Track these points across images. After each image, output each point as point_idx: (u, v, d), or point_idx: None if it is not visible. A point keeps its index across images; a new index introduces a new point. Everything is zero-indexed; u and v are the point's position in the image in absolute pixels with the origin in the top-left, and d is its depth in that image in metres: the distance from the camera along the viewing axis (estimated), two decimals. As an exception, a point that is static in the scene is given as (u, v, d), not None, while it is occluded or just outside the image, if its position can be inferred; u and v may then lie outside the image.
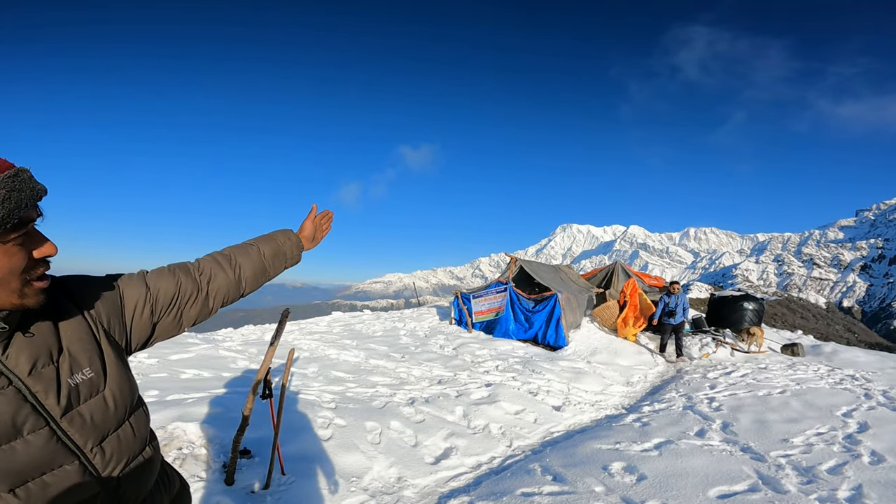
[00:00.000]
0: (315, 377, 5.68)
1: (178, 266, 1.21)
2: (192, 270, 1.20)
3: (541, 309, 9.38)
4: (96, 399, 0.95)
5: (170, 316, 1.14)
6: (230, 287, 1.27)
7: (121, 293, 1.07)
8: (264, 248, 1.36)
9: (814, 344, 10.46)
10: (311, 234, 1.53)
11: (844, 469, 3.43)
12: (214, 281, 1.23)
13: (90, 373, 0.95)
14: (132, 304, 1.07)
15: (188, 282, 1.17)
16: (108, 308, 1.03)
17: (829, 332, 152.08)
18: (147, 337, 1.11)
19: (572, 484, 3.21)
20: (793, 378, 6.87)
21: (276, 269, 1.40)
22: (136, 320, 1.08)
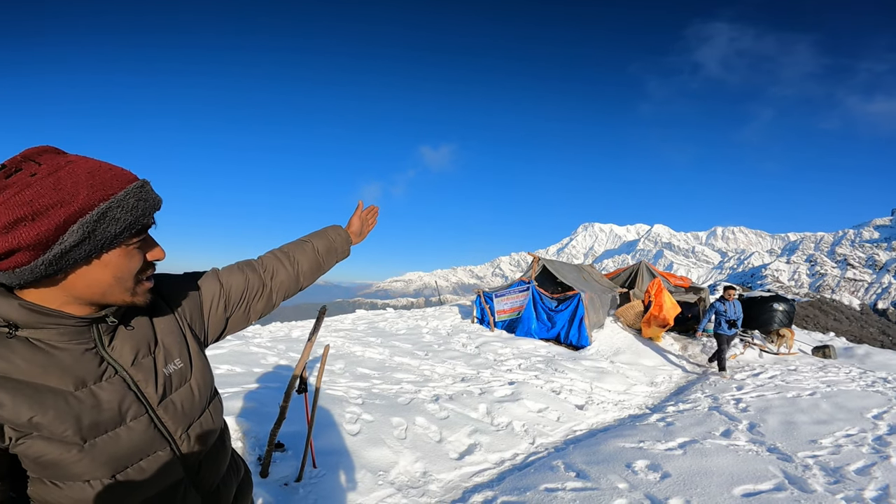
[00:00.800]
0: (342, 373, 5.83)
1: (245, 263, 1.29)
2: (257, 267, 1.28)
3: (564, 308, 9.39)
4: (185, 388, 1.02)
5: (240, 310, 1.22)
6: (290, 282, 1.34)
7: (200, 290, 1.15)
8: (318, 244, 1.43)
9: (846, 346, 10.18)
10: (359, 229, 1.60)
11: (872, 470, 3.40)
12: (277, 277, 1.30)
13: (180, 363, 1.03)
14: (209, 300, 1.16)
15: (254, 278, 1.25)
16: (190, 304, 1.12)
17: (862, 335, 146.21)
18: (221, 330, 1.20)
19: (595, 480, 3.26)
20: (823, 380, 6.73)
21: (329, 263, 1.48)
22: (212, 315, 1.16)
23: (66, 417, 0.82)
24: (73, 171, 0.79)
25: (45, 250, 0.77)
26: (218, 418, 1.12)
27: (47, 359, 0.84)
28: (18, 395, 0.79)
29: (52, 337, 0.85)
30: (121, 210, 0.81)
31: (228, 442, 1.17)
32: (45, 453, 0.82)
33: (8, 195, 0.75)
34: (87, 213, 0.78)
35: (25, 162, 0.78)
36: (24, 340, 0.83)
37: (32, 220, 0.75)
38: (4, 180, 0.76)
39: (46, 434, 0.81)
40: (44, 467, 0.84)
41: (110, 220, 0.80)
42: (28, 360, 0.82)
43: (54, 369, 0.84)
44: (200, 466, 1.03)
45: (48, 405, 0.81)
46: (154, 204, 0.88)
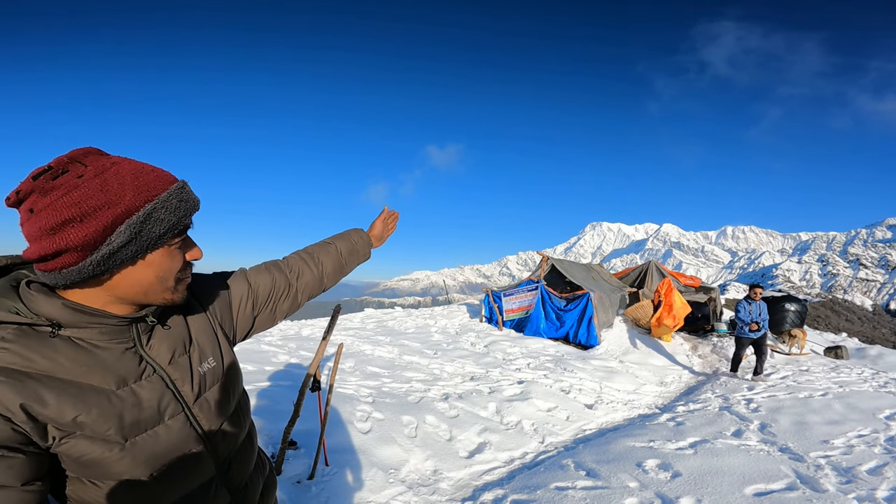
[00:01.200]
0: (352, 372, 5.88)
1: (272, 264, 1.30)
2: (283, 268, 1.30)
3: (573, 308, 9.38)
4: (217, 386, 1.03)
5: (267, 310, 1.23)
6: (315, 283, 1.36)
7: (229, 289, 1.17)
8: (341, 246, 1.46)
9: (858, 347, 10.07)
10: (380, 233, 1.62)
11: (885, 470, 3.38)
12: (302, 277, 1.32)
13: (213, 362, 1.04)
14: (238, 300, 1.17)
15: (281, 278, 1.27)
16: (221, 303, 1.13)
17: (875, 336, 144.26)
18: (248, 329, 1.21)
19: (606, 479, 3.27)
20: (835, 381, 6.67)
21: (351, 265, 1.50)
22: (240, 314, 1.17)
23: (109, 416, 0.83)
24: (118, 172, 0.80)
25: (93, 251, 0.78)
26: (246, 417, 1.14)
27: (90, 358, 0.84)
28: (63, 395, 0.80)
29: (94, 336, 0.85)
30: (164, 211, 0.83)
31: (256, 440, 1.18)
32: (87, 452, 0.82)
33: (55, 196, 0.76)
34: (134, 213, 0.80)
35: (72, 163, 0.79)
36: (67, 340, 0.83)
37: (80, 222, 0.76)
38: (51, 181, 0.76)
39: (89, 433, 0.82)
40: (84, 466, 0.84)
41: (155, 220, 0.82)
42: (72, 359, 0.82)
43: (97, 368, 0.84)
44: (231, 464, 1.05)
45: (92, 404, 0.82)
46: (193, 205, 0.89)
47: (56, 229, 0.76)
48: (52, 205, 0.76)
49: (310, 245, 1.45)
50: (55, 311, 0.81)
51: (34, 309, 0.81)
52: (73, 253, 0.77)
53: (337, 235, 1.51)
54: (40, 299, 0.81)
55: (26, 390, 0.77)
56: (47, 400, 0.78)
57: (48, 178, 0.77)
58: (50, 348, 0.81)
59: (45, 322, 0.81)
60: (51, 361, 0.80)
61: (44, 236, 0.77)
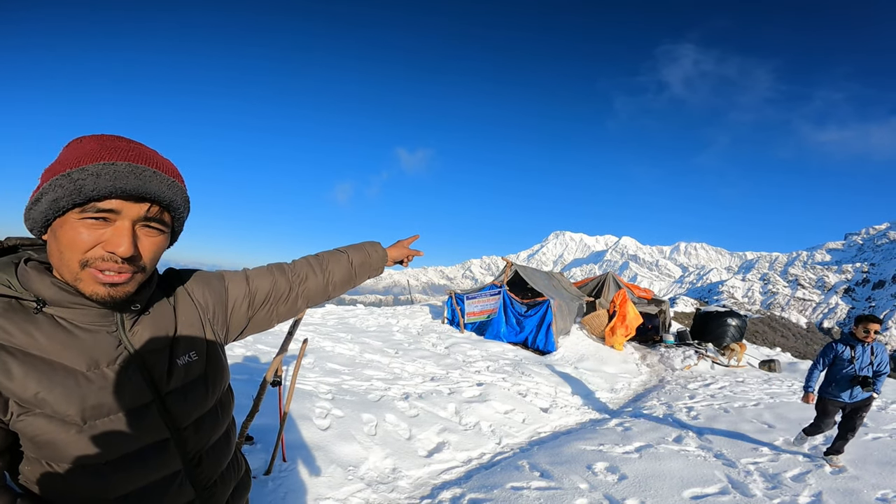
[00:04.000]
0: (311, 368, 5.84)
1: (276, 266, 1.31)
2: (287, 271, 1.30)
3: (533, 314, 9.63)
4: (197, 381, 1.03)
5: (263, 311, 1.24)
6: (318, 290, 1.36)
7: (226, 288, 1.17)
8: (354, 257, 1.45)
9: (791, 361, 10.85)
10: (398, 256, 1.60)
11: (807, 477, 3.71)
12: (305, 283, 1.32)
13: (195, 356, 1.03)
14: (234, 299, 1.18)
15: (282, 281, 1.27)
16: (215, 300, 1.14)
17: (807, 351, 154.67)
18: (242, 328, 1.21)
19: (558, 480, 3.44)
20: (767, 392, 7.18)
21: (362, 278, 1.49)
22: (234, 314, 1.18)
23: (72, 396, 0.84)
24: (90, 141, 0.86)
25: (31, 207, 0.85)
26: (226, 415, 1.12)
27: (67, 337, 0.85)
28: (31, 370, 0.81)
29: (77, 317, 0.87)
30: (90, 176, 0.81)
31: (234, 439, 1.17)
32: (43, 432, 0.83)
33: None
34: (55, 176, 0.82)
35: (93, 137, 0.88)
36: (50, 318, 0.85)
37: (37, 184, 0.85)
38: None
39: (49, 412, 0.82)
40: (40, 447, 0.84)
41: (68, 182, 0.81)
42: (49, 336, 0.84)
43: (72, 348, 0.85)
44: (201, 460, 1.03)
45: (57, 382, 0.82)
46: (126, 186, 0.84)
47: None
48: None
49: (322, 251, 1.45)
50: (43, 288, 0.84)
51: (26, 285, 0.85)
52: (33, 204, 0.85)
53: (352, 246, 1.50)
54: (33, 276, 0.85)
55: None
56: (14, 373, 0.80)
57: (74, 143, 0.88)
58: (31, 324, 0.83)
59: (32, 297, 0.85)
60: (28, 336, 0.82)
61: None
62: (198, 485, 1.03)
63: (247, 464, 1.29)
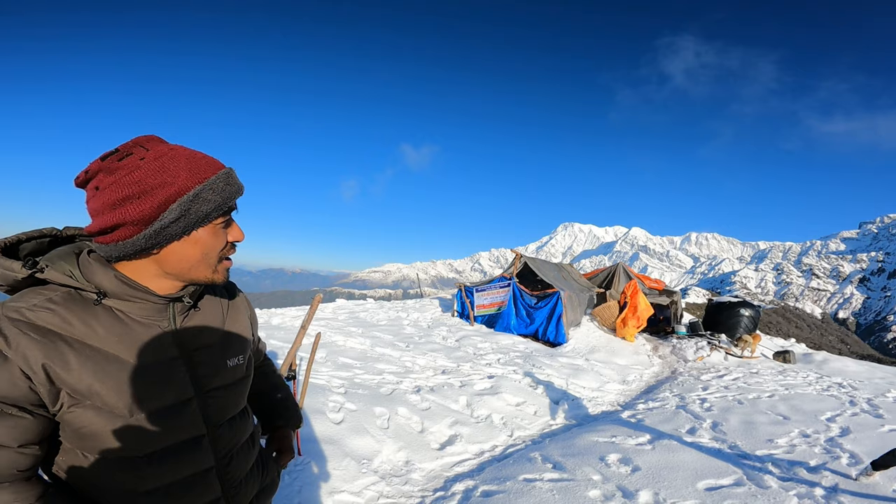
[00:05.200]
0: (324, 362, 5.90)
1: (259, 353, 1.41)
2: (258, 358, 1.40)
3: (543, 306, 9.61)
4: (237, 383, 1.08)
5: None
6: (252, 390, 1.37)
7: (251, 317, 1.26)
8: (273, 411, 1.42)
9: (805, 352, 10.71)
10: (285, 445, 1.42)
11: (823, 469, 3.67)
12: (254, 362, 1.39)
13: (242, 360, 1.10)
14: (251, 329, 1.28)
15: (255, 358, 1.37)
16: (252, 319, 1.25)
17: (821, 342, 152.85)
18: None
19: (571, 472, 3.45)
20: (782, 383, 7.11)
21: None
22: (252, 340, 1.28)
23: (122, 389, 0.88)
24: (174, 156, 0.88)
25: (147, 226, 0.86)
26: (251, 417, 1.20)
27: (124, 329, 0.90)
28: (87, 361, 0.85)
29: (134, 310, 0.92)
30: (211, 192, 0.90)
31: (258, 440, 1.22)
32: (90, 423, 0.86)
33: (120, 175, 0.85)
34: (185, 193, 0.87)
35: (136, 147, 0.88)
36: (109, 310, 0.90)
37: (139, 199, 0.85)
38: (117, 162, 0.86)
39: (99, 403, 0.86)
40: (82, 438, 0.88)
41: (202, 200, 0.89)
42: (107, 328, 0.88)
43: (127, 340, 0.90)
44: (231, 459, 1.07)
45: (110, 374, 0.87)
46: (238, 189, 0.96)
47: (117, 205, 0.85)
48: (116, 182, 0.85)
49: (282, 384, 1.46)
50: (106, 280, 0.88)
51: (88, 276, 0.89)
52: (129, 227, 0.86)
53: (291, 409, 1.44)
54: (96, 268, 0.89)
55: (55, 352, 0.83)
56: (72, 364, 0.84)
57: (114, 160, 0.86)
58: (91, 315, 0.88)
59: (93, 289, 0.89)
60: (87, 328, 0.87)
61: (106, 211, 0.86)
62: (225, 483, 1.06)
63: (278, 469, 1.29)
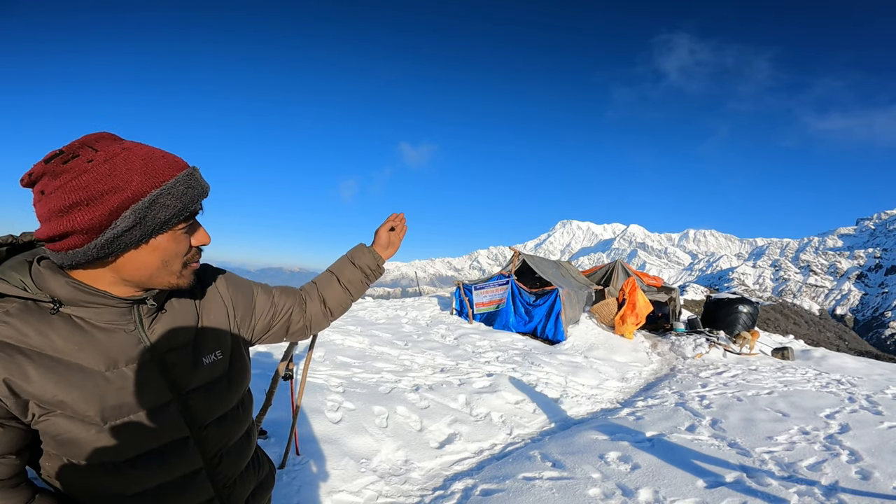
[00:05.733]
0: (322, 361, 5.88)
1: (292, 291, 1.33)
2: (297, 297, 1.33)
3: (541, 303, 9.60)
4: (219, 380, 1.02)
5: (277, 327, 1.27)
6: (319, 317, 1.37)
7: (255, 298, 1.20)
8: (342, 276, 1.41)
9: (804, 349, 10.72)
10: (387, 241, 1.49)
11: (823, 466, 3.66)
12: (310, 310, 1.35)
13: (220, 355, 1.04)
14: (260, 311, 1.21)
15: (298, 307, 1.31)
16: (244, 304, 1.16)
17: (819, 339, 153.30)
18: (259, 339, 1.25)
19: (571, 470, 3.43)
20: (781, 380, 7.11)
21: (358, 292, 1.43)
22: (258, 324, 1.21)
23: (91, 397, 0.83)
24: (127, 158, 0.81)
25: (99, 234, 0.79)
26: (246, 415, 1.13)
27: (84, 337, 0.85)
28: (48, 372, 0.81)
29: (94, 316, 0.86)
30: (170, 197, 0.83)
31: (254, 438, 1.18)
32: (65, 431, 0.83)
33: (65, 180, 0.78)
34: (140, 199, 0.80)
35: (83, 148, 0.81)
36: (67, 318, 0.85)
37: (87, 205, 0.78)
38: (62, 165, 0.79)
39: (69, 412, 0.82)
40: (61, 444, 0.84)
41: (160, 206, 0.82)
42: (65, 337, 0.83)
43: (89, 348, 0.85)
44: (222, 459, 1.03)
45: (74, 384, 0.82)
46: (202, 191, 0.90)
47: (64, 211, 0.78)
48: (62, 188, 0.78)
49: (320, 276, 1.44)
50: (59, 288, 0.83)
51: (41, 285, 0.84)
52: (79, 235, 0.79)
53: (339, 262, 1.45)
54: (48, 276, 0.83)
55: (13, 365, 0.79)
56: (31, 376, 0.80)
57: (59, 162, 0.79)
58: (47, 325, 0.83)
59: (48, 298, 0.83)
60: (44, 338, 0.82)
61: (53, 218, 0.79)
62: (217, 483, 1.03)
63: (270, 463, 1.28)
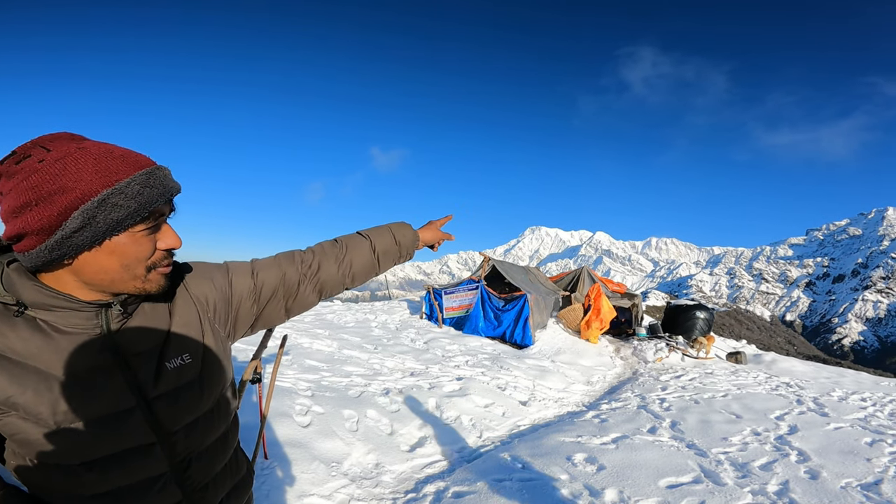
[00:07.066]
0: (289, 365, 5.78)
1: (286, 256, 1.20)
2: (298, 261, 1.20)
3: (510, 308, 9.74)
4: (189, 384, 0.97)
5: (272, 306, 1.16)
6: (334, 281, 1.25)
7: (230, 283, 1.10)
8: (377, 243, 1.30)
9: (756, 353, 11.28)
10: (432, 239, 1.44)
11: (775, 466, 3.88)
12: (318, 273, 1.21)
13: (189, 359, 0.98)
14: (238, 295, 1.10)
15: (292, 273, 1.17)
16: (218, 296, 1.07)
17: (770, 343, 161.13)
18: (250, 324, 1.15)
19: (539, 472, 3.51)
20: (734, 383, 7.46)
21: (386, 265, 1.34)
22: (241, 310, 1.11)
23: (44, 400, 0.82)
24: (79, 157, 0.79)
25: (49, 235, 0.78)
26: (222, 418, 1.08)
27: (45, 341, 0.83)
28: (3, 373, 0.80)
29: (58, 320, 0.85)
30: (123, 197, 0.80)
31: (232, 441, 1.12)
32: (20, 431, 0.82)
33: (17, 181, 0.77)
34: (89, 199, 0.78)
35: (35, 148, 0.79)
36: (31, 321, 0.83)
37: (36, 206, 0.77)
38: (15, 166, 0.78)
39: (23, 414, 0.82)
40: (19, 444, 0.84)
41: (111, 206, 0.79)
42: (25, 339, 0.82)
43: (49, 352, 0.83)
44: (191, 463, 0.99)
45: (28, 385, 0.81)
46: (164, 191, 0.86)
47: (17, 213, 0.78)
48: (15, 188, 0.78)
49: (342, 236, 1.31)
50: (25, 291, 0.82)
51: (9, 287, 0.83)
52: (32, 237, 0.78)
53: (376, 229, 1.34)
54: (15, 278, 0.83)
55: None
56: None
57: (12, 163, 0.79)
58: (9, 327, 0.82)
59: (13, 301, 0.83)
60: (4, 339, 0.81)
61: (9, 218, 0.79)
62: (186, 487, 0.99)
63: (249, 463, 1.25)
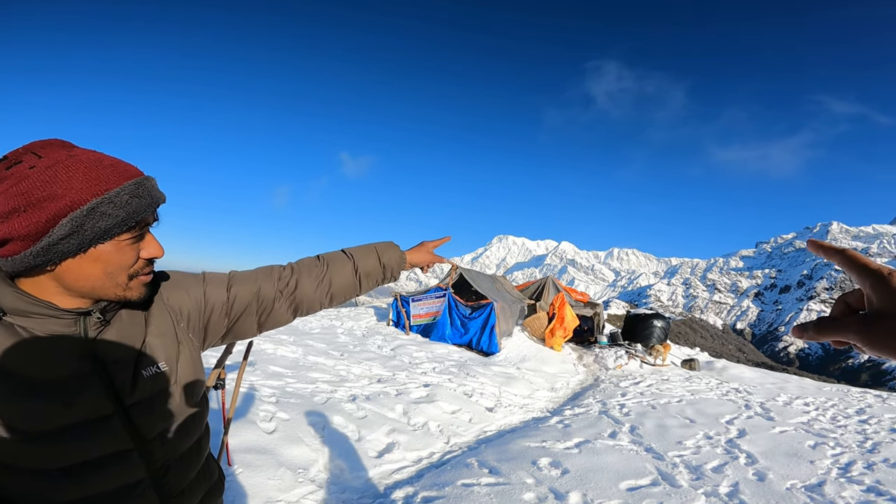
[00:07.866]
0: (252, 371, 5.66)
1: (264, 271, 1.20)
2: (275, 277, 1.19)
3: (477, 316, 9.85)
4: (165, 392, 0.98)
5: (243, 320, 1.16)
6: (311, 301, 1.24)
7: (205, 293, 1.11)
8: (361, 265, 1.30)
9: (708, 360, 11.84)
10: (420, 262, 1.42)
11: (726, 468, 4.10)
12: (298, 291, 1.21)
13: (165, 367, 0.99)
14: (211, 306, 1.11)
15: (268, 289, 1.17)
16: (192, 306, 1.08)
17: (722, 351, 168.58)
18: (221, 335, 1.16)
19: (506, 476, 3.59)
20: (688, 389, 7.81)
21: (368, 287, 1.33)
22: (212, 320, 1.12)
23: (17, 406, 0.82)
24: (70, 165, 0.80)
25: (35, 242, 0.78)
26: (197, 425, 1.08)
27: (22, 347, 0.83)
28: None
29: (37, 326, 0.84)
30: (112, 206, 0.81)
31: (205, 448, 1.12)
32: None
33: (7, 186, 0.78)
34: (78, 207, 0.79)
35: (26, 154, 0.80)
36: (9, 326, 0.83)
37: (25, 212, 0.77)
38: (5, 171, 0.78)
39: None
40: None
41: (100, 215, 0.80)
42: (2, 345, 0.81)
43: (26, 358, 0.83)
44: (168, 470, 0.99)
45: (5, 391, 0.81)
46: (152, 201, 0.87)
47: (4, 218, 0.78)
48: (4, 193, 0.78)
49: (328, 253, 1.31)
50: (2, 297, 0.82)
51: None
52: (17, 242, 0.79)
53: (362, 248, 1.34)
54: None
55: None
56: None
57: (2, 168, 0.79)
58: None
59: None
60: None
61: None
62: (163, 493, 1.00)
63: (220, 469, 1.24)
